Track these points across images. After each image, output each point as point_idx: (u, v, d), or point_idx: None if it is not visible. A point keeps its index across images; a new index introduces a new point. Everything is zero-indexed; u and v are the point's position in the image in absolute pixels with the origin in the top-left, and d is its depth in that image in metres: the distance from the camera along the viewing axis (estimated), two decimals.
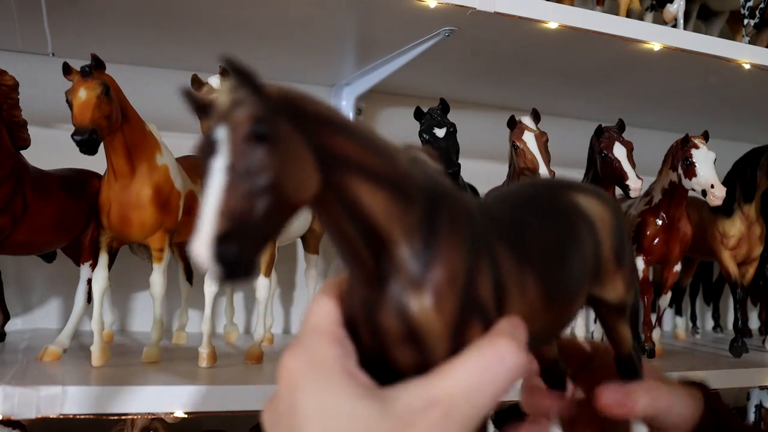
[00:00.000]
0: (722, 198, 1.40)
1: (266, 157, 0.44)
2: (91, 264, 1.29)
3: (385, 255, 0.52)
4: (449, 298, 0.51)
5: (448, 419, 0.47)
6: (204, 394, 1.03)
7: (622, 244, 0.67)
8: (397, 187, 0.52)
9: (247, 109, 0.46)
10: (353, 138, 0.51)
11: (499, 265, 0.55)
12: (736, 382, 1.47)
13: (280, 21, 1.38)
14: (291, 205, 0.46)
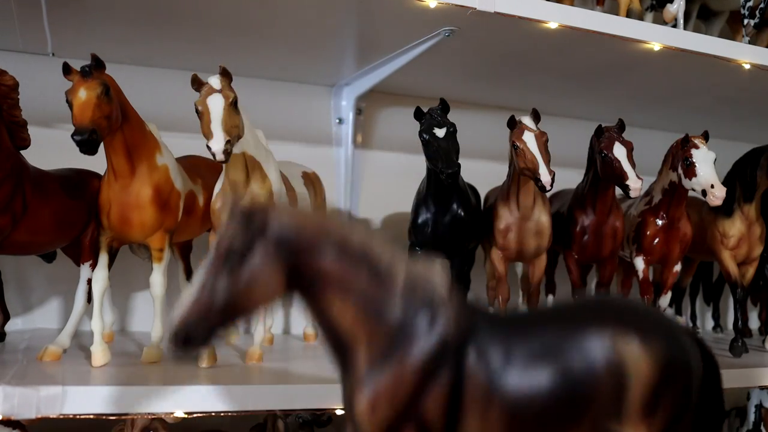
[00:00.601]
0: (722, 198, 1.40)
1: (227, 277, 0.60)
2: (91, 264, 1.29)
3: (348, 355, 0.65)
4: (386, 406, 0.62)
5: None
6: (204, 394, 1.03)
7: (660, 401, 0.65)
8: (371, 303, 0.64)
9: (224, 239, 0.62)
10: (342, 261, 0.64)
11: (465, 387, 0.63)
12: (736, 382, 1.47)
13: (280, 21, 1.38)
14: (247, 308, 0.62)
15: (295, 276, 0.63)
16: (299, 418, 1.49)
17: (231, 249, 0.62)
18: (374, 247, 0.67)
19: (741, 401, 1.97)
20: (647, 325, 0.69)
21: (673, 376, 0.67)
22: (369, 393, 0.64)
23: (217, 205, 1.24)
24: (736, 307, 1.70)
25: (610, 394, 0.65)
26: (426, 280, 0.68)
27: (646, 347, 0.67)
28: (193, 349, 0.62)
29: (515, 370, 0.64)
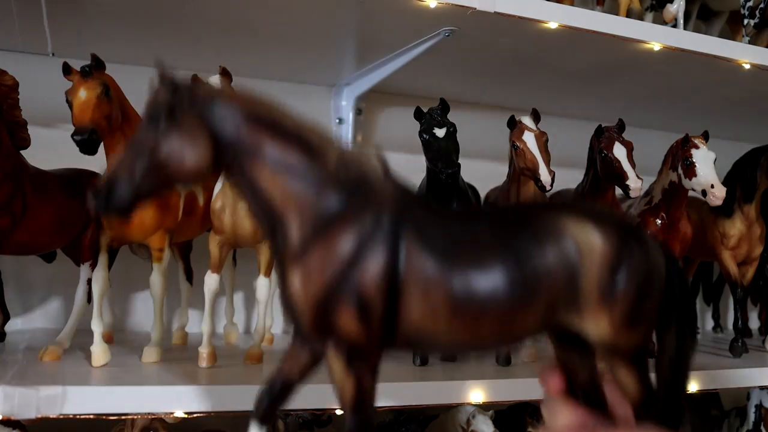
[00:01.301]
0: (722, 198, 1.40)
1: (152, 138, 0.63)
2: (91, 264, 1.29)
3: (279, 231, 0.65)
4: (318, 279, 0.62)
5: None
6: (204, 394, 1.03)
7: (617, 282, 0.63)
8: (304, 178, 0.64)
9: (151, 102, 0.65)
10: (273, 132, 0.65)
11: (404, 263, 0.62)
12: (736, 382, 1.47)
13: (280, 21, 1.38)
14: (170, 174, 0.63)
15: (223, 146, 0.64)
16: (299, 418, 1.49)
17: (159, 111, 0.64)
18: (308, 128, 0.68)
19: (741, 401, 1.97)
20: (601, 214, 0.68)
21: (629, 259, 0.64)
22: (301, 267, 0.63)
23: (217, 205, 1.24)
24: (736, 307, 1.70)
25: (563, 279, 0.63)
26: (360, 160, 0.68)
27: (599, 230, 0.65)
28: (116, 208, 0.62)
29: (459, 252, 0.63)
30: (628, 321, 0.64)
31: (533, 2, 1.30)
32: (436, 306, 0.63)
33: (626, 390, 0.67)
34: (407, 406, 1.15)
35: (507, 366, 1.38)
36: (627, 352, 0.65)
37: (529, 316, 0.64)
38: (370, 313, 0.63)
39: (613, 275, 0.64)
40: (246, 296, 1.80)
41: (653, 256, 0.67)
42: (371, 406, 0.67)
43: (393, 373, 1.24)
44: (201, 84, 0.69)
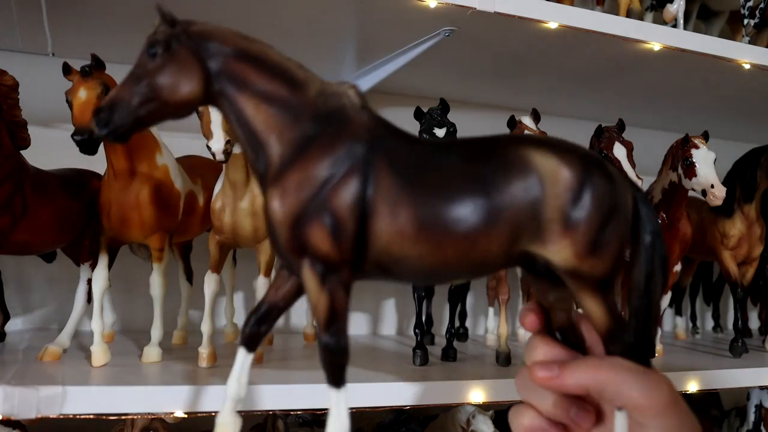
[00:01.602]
0: (722, 198, 1.40)
1: (150, 67, 0.70)
2: (91, 264, 1.29)
3: (262, 155, 0.71)
4: (293, 197, 0.67)
5: None
6: (204, 394, 1.03)
7: (579, 210, 0.66)
8: (285, 107, 0.70)
9: (151, 35, 0.71)
10: (258, 67, 0.71)
11: (373, 187, 0.67)
12: (736, 382, 1.47)
13: (280, 21, 1.38)
14: (165, 101, 0.70)
15: (212, 77, 0.71)
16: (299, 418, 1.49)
17: (155, 41, 0.71)
18: (293, 64, 0.74)
19: (741, 401, 1.97)
20: (565, 146, 0.70)
21: (591, 188, 0.66)
22: (279, 186, 0.69)
23: (217, 205, 1.24)
24: (736, 307, 1.70)
25: (527, 208, 0.66)
26: (339, 92, 0.73)
27: (562, 160, 0.67)
28: (114, 131, 0.68)
29: (425, 178, 0.67)
30: (590, 248, 0.66)
31: (533, 2, 1.30)
32: (402, 228, 0.67)
33: (594, 320, 0.68)
34: (407, 405, 1.15)
35: (507, 366, 1.38)
36: (592, 280, 0.67)
37: (493, 243, 0.67)
38: (342, 232, 0.67)
39: (575, 203, 0.66)
40: (246, 296, 1.80)
41: (618, 187, 0.68)
42: (344, 323, 0.70)
43: (393, 373, 1.24)
44: (196, 22, 0.75)
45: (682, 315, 2.07)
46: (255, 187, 1.23)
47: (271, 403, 1.06)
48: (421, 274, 0.70)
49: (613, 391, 0.64)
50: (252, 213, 1.23)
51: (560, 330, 0.73)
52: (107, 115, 0.69)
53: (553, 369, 0.67)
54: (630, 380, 0.64)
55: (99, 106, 0.70)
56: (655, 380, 0.64)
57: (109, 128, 0.69)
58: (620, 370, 0.65)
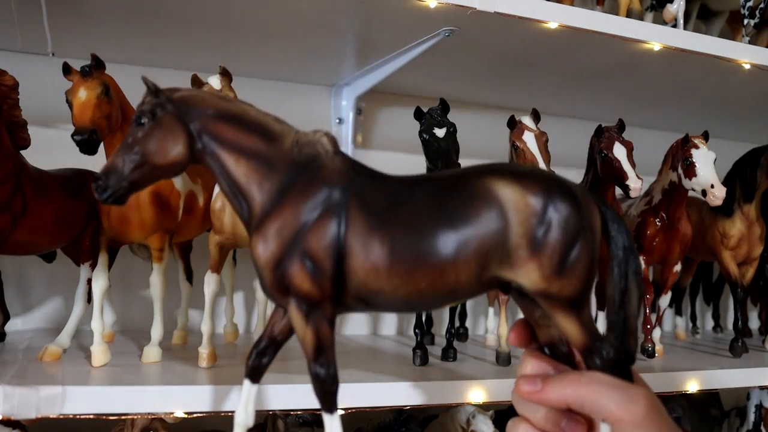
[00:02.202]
0: (722, 198, 1.40)
1: (139, 135, 0.77)
2: (91, 264, 1.29)
3: (246, 206, 0.78)
4: (273, 243, 0.74)
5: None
6: (204, 394, 1.03)
7: (544, 234, 0.69)
8: (262, 160, 0.77)
9: (139, 106, 0.78)
10: (237, 124, 0.78)
11: (347, 227, 0.72)
12: (736, 382, 1.47)
13: (280, 21, 1.38)
14: (155, 165, 0.77)
15: (196, 139, 0.78)
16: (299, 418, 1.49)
17: (143, 113, 0.77)
18: (269, 119, 0.80)
19: (741, 401, 1.97)
20: (528, 173, 0.73)
21: (554, 212, 0.69)
22: (261, 233, 0.75)
23: (217, 205, 1.24)
24: (736, 307, 1.70)
25: (494, 236, 0.70)
26: (314, 141, 0.79)
27: (524, 187, 0.71)
28: (111, 197, 0.76)
29: (395, 214, 0.72)
30: (557, 270, 0.69)
31: (533, 2, 1.30)
32: (375, 264, 0.71)
33: (569, 337, 0.71)
34: (407, 405, 1.15)
35: (507, 366, 1.38)
36: (562, 299, 0.69)
37: (462, 272, 0.71)
38: (320, 272, 0.73)
39: (539, 228, 0.69)
40: (246, 296, 1.80)
41: (582, 208, 0.71)
42: (331, 353, 0.76)
43: (393, 373, 1.24)
44: (179, 89, 0.80)
45: (682, 315, 2.07)
46: None
47: (271, 403, 1.06)
48: (399, 304, 0.75)
49: (592, 406, 0.67)
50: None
51: (548, 345, 0.76)
52: (104, 182, 0.76)
53: (536, 383, 0.70)
54: (607, 394, 0.66)
55: (96, 175, 0.77)
56: (632, 394, 0.67)
57: (107, 193, 0.76)
58: (598, 385, 0.67)
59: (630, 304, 0.71)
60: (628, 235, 0.73)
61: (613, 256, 0.73)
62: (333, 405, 0.77)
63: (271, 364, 0.82)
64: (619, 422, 0.66)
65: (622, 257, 0.72)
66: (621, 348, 0.70)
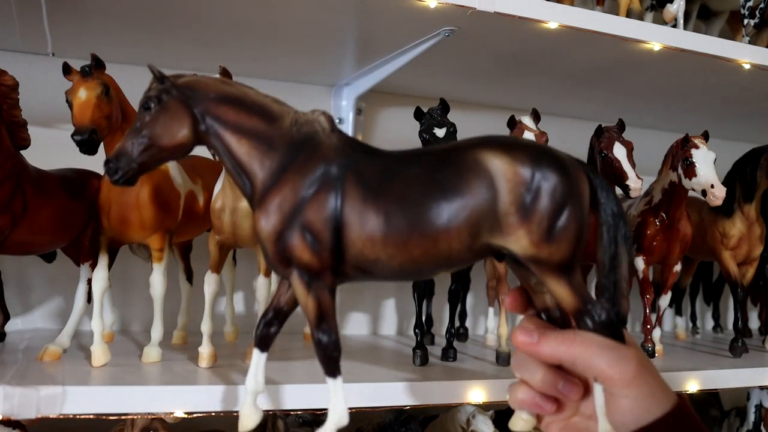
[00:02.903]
0: (722, 198, 1.40)
1: (146, 119, 0.81)
2: (91, 264, 1.29)
3: (249, 183, 0.82)
4: (274, 217, 0.78)
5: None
6: (204, 394, 1.03)
7: (533, 201, 0.71)
8: (263, 139, 0.81)
9: (146, 92, 0.83)
10: (238, 107, 0.82)
11: (343, 200, 0.76)
12: (736, 382, 1.47)
13: (280, 21, 1.38)
14: (162, 147, 0.81)
15: (200, 121, 0.81)
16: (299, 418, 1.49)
17: (149, 99, 0.81)
18: (269, 100, 0.84)
19: (741, 401, 1.97)
20: (516, 142, 0.76)
21: (541, 179, 0.71)
22: (263, 208, 0.79)
23: (217, 205, 1.24)
24: (736, 307, 1.70)
25: (484, 205, 0.72)
26: (312, 119, 0.82)
27: (512, 157, 0.73)
28: (121, 179, 0.80)
29: (389, 187, 0.75)
30: (546, 236, 0.71)
31: (533, 2, 1.30)
32: (371, 234, 0.75)
33: (561, 301, 0.73)
34: (407, 405, 1.15)
35: (507, 366, 1.38)
36: (552, 264, 0.72)
37: (454, 240, 0.73)
38: (320, 243, 0.76)
39: (528, 196, 0.72)
40: (246, 296, 1.80)
41: (571, 176, 0.73)
42: (332, 320, 0.80)
43: (393, 373, 1.24)
44: (183, 75, 0.85)
45: (682, 315, 2.07)
46: None
47: (271, 403, 1.06)
48: (395, 272, 0.78)
49: (584, 364, 0.70)
50: (252, 213, 1.23)
51: (544, 311, 0.79)
52: (115, 164, 0.80)
53: (533, 335, 0.73)
54: (599, 353, 0.69)
55: (107, 158, 0.81)
56: (623, 353, 0.69)
57: (118, 175, 0.80)
58: (590, 345, 0.70)
59: (620, 267, 0.74)
60: (617, 202, 0.76)
61: (602, 222, 0.75)
62: (335, 370, 0.81)
63: (272, 365, 0.85)
64: (610, 380, 0.68)
65: (611, 223, 0.75)
66: (612, 310, 0.73)
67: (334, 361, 0.81)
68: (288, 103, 0.86)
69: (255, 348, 0.86)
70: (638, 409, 0.68)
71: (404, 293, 1.94)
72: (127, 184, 0.82)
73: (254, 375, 0.86)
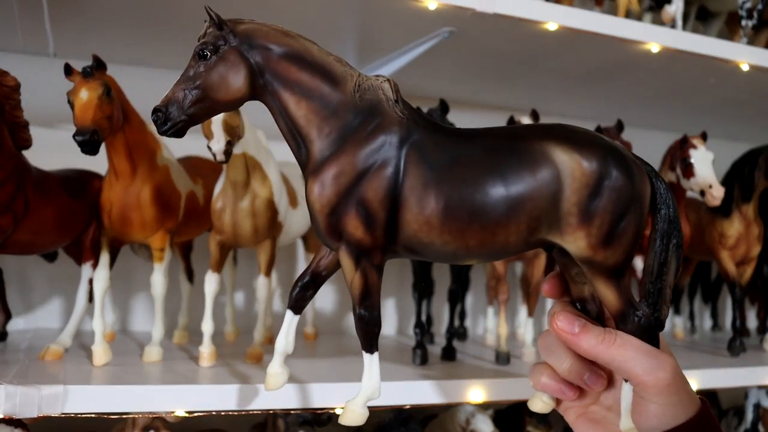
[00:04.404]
0: (720, 198, 1.40)
1: (201, 69, 0.75)
2: (93, 264, 1.29)
3: (305, 148, 0.77)
4: (330, 189, 0.74)
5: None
6: (205, 394, 1.04)
7: (597, 205, 0.69)
8: (324, 103, 0.76)
9: (201, 38, 0.78)
10: (300, 65, 0.76)
11: (404, 179, 0.73)
12: (734, 381, 1.48)
13: (280, 21, 1.37)
14: (216, 100, 0.75)
15: (258, 75, 0.76)
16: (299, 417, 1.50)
17: (205, 45, 0.76)
18: (331, 60, 0.78)
19: (739, 400, 1.97)
20: (586, 137, 0.73)
21: (608, 182, 0.69)
22: (318, 178, 0.74)
23: (218, 205, 1.24)
24: (734, 307, 1.71)
25: (546, 201, 0.70)
26: (376, 86, 0.78)
27: (581, 154, 0.70)
28: (170, 130, 0.74)
29: (451, 171, 0.72)
30: (605, 240, 0.70)
31: (533, 3, 1.31)
32: (429, 218, 0.72)
33: (606, 302, 0.72)
34: (407, 405, 1.15)
35: (506, 365, 1.39)
36: (605, 268, 0.71)
37: (512, 233, 0.72)
38: (374, 221, 0.73)
39: (593, 198, 0.70)
40: (246, 296, 1.81)
41: (636, 179, 0.72)
42: (376, 297, 0.77)
43: (393, 373, 1.24)
44: (243, 21, 0.79)
45: (680, 314, 2.07)
46: (255, 187, 1.24)
47: (271, 402, 1.06)
48: (445, 256, 0.76)
49: (620, 366, 0.70)
50: (252, 213, 1.23)
51: (580, 301, 0.78)
52: (164, 114, 0.74)
53: (574, 326, 0.72)
54: (638, 359, 0.69)
55: (156, 106, 0.75)
56: (660, 361, 0.69)
57: (167, 126, 0.74)
58: (630, 349, 0.69)
59: (668, 275, 0.73)
60: (675, 209, 0.75)
61: (657, 227, 0.74)
62: (374, 345, 0.79)
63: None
64: (644, 386, 0.68)
65: (666, 229, 0.74)
66: (653, 315, 0.72)
67: (373, 337, 0.78)
68: (349, 63, 0.81)
69: (288, 309, 0.83)
70: (665, 415, 0.68)
71: (404, 293, 1.94)
72: (176, 135, 0.75)
73: (285, 335, 0.83)
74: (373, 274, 0.76)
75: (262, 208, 1.24)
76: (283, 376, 0.84)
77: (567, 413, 0.78)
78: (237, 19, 0.79)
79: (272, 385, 0.84)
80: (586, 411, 0.77)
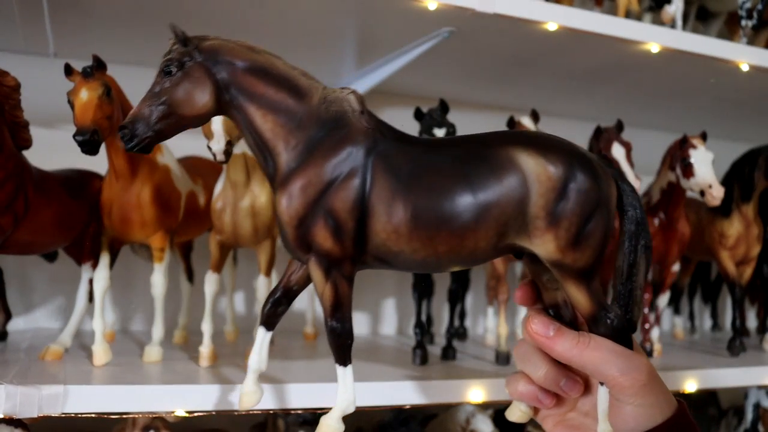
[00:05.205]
0: (720, 198, 1.40)
1: (167, 85, 0.75)
2: (93, 264, 1.29)
3: (272, 161, 0.77)
4: (298, 201, 0.74)
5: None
6: (205, 393, 1.04)
7: (563, 206, 0.70)
8: (289, 116, 0.76)
9: (167, 55, 0.77)
10: (266, 79, 0.77)
11: (371, 189, 0.73)
12: (734, 381, 1.48)
13: (280, 21, 1.38)
14: (182, 116, 0.76)
15: (224, 90, 0.77)
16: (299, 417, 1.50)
17: (171, 61, 0.76)
18: (297, 73, 0.79)
19: (739, 400, 1.98)
20: (551, 143, 0.74)
21: (573, 186, 0.70)
22: (286, 190, 0.75)
23: (218, 205, 1.24)
24: (734, 307, 1.71)
25: (513, 206, 0.71)
26: (341, 98, 0.78)
27: (546, 159, 0.71)
28: (136, 146, 0.75)
29: (418, 179, 0.72)
30: (573, 242, 0.71)
31: (533, 3, 1.31)
32: (397, 227, 0.73)
33: (577, 305, 0.73)
34: (407, 405, 1.16)
35: (506, 365, 1.39)
36: (574, 270, 0.71)
37: (480, 239, 0.72)
38: (342, 231, 0.74)
39: (559, 201, 0.70)
40: (246, 296, 1.81)
41: (602, 182, 0.72)
42: (347, 309, 0.77)
43: (393, 373, 1.24)
44: (207, 38, 0.79)
45: (680, 314, 2.08)
46: (255, 188, 1.24)
47: (271, 402, 1.06)
48: (416, 265, 0.76)
49: (594, 369, 0.70)
50: (252, 213, 1.23)
51: (553, 307, 0.78)
52: (130, 131, 0.75)
53: (549, 329, 0.73)
54: (612, 360, 0.69)
55: (122, 123, 0.75)
56: (635, 362, 0.70)
57: (133, 142, 0.75)
58: (604, 351, 0.70)
59: (637, 276, 0.74)
60: (641, 210, 0.75)
61: (625, 229, 0.75)
62: (346, 358, 0.78)
63: (272, 365, 0.84)
64: (620, 387, 0.69)
65: (633, 231, 0.75)
66: (625, 317, 0.73)
67: (346, 349, 0.78)
68: (315, 77, 0.82)
69: (260, 326, 0.83)
70: (642, 417, 0.69)
71: (404, 293, 1.94)
72: (142, 151, 0.76)
73: (258, 353, 0.84)
74: (343, 285, 0.76)
75: (263, 208, 1.24)
76: (257, 395, 0.85)
77: (545, 422, 0.79)
78: (202, 36, 0.79)
79: (246, 403, 0.84)
80: (564, 418, 0.78)
